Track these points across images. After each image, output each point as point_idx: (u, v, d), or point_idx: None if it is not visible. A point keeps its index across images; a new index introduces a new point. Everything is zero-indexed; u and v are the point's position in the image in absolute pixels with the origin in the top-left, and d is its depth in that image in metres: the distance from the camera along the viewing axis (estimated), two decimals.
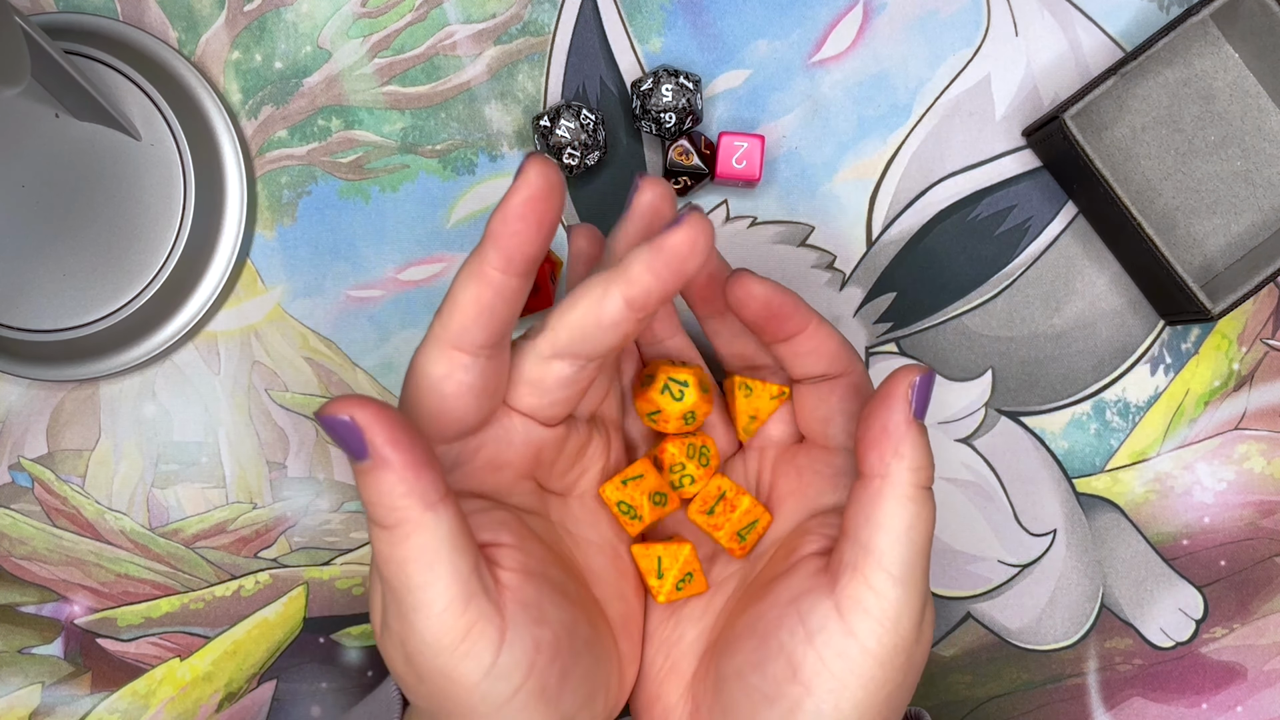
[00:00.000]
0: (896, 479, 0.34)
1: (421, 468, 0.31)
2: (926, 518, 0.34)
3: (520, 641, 0.32)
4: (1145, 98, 0.49)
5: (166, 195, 0.47)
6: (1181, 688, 0.50)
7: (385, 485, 0.31)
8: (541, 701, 0.33)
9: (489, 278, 0.32)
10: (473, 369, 0.33)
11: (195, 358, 0.50)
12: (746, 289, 0.37)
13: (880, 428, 0.34)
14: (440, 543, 0.31)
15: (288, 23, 0.50)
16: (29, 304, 0.47)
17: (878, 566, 0.33)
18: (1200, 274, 0.49)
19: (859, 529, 0.34)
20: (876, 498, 0.34)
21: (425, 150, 0.50)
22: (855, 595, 0.34)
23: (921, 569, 0.34)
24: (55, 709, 0.50)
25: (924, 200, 0.50)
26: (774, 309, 0.38)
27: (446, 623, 0.32)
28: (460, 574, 0.32)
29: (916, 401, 0.34)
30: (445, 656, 0.32)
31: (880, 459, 0.34)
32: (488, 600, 0.32)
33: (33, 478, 0.50)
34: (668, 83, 0.47)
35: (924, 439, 0.34)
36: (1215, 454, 0.50)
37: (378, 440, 0.30)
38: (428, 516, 0.31)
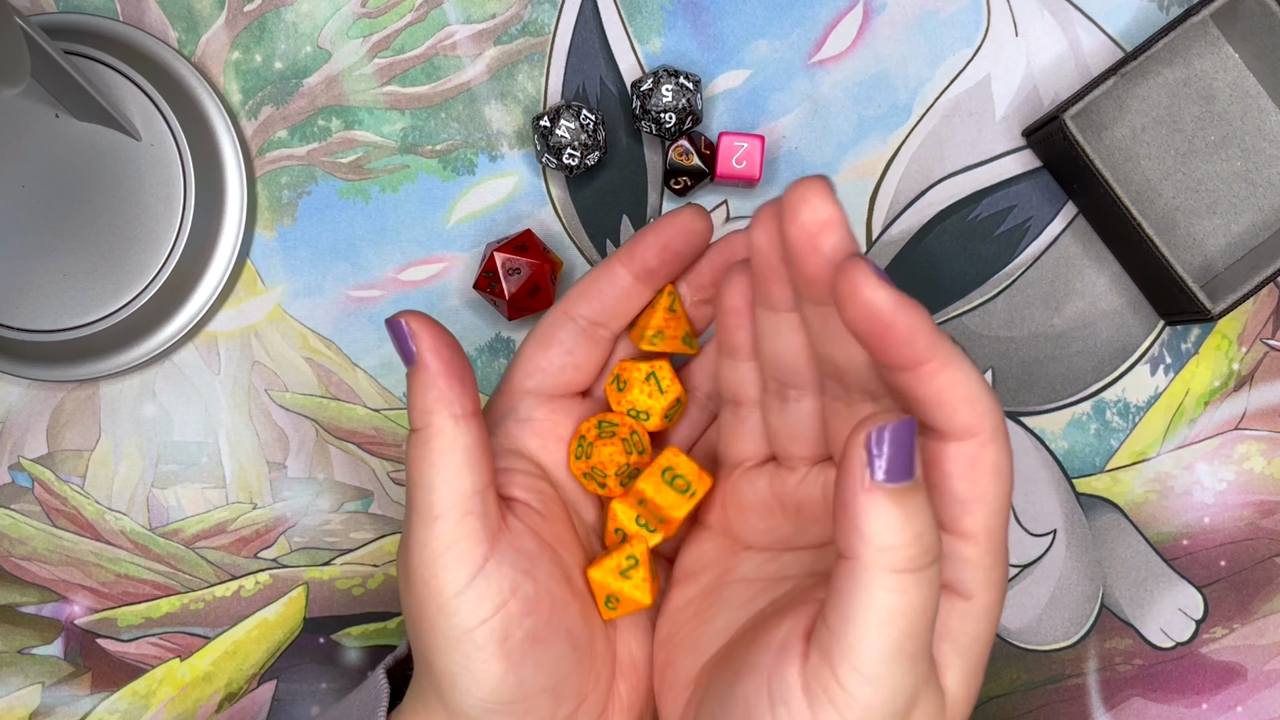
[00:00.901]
0: (864, 562, 0.28)
1: (454, 379, 0.34)
2: (910, 609, 0.28)
3: (499, 576, 0.34)
4: (1145, 98, 0.49)
5: (166, 195, 0.47)
6: (1181, 688, 0.50)
7: (421, 386, 0.34)
8: (501, 650, 0.34)
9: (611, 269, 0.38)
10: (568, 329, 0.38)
11: (195, 358, 0.50)
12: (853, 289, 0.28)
13: (839, 501, 0.28)
14: (455, 453, 0.34)
15: (288, 23, 0.50)
16: (29, 304, 0.47)
17: (846, 660, 0.29)
18: (1200, 274, 0.49)
19: (830, 612, 0.29)
20: (845, 582, 0.28)
21: (425, 150, 0.50)
22: (821, 684, 0.29)
23: (905, 666, 0.29)
24: (55, 709, 0.50)
25: (924, 200, 0.50)
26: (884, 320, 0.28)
27: (439, 529, 0.34)
28: (464, 488, 0.34)
29: (888, 458, 0.27)
30: (429, 563, 0.34)
31: (843, 537, 0.28)
32: (482, 524, 0.34)
33: (33, 478, 0.50)
34: (668, 83, 0.47)
35: (902, 507, 0.27)
36: (1215, 454, 0.50)
37: (423, 345, 0.34)
38: (449, 424, 0.34)
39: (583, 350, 0.38)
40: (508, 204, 0.50)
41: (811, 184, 0.30)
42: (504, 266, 0.47)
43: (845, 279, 0.28)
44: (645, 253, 0.38)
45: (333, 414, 0.50)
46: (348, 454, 0.50)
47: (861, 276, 0.28)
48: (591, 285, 0.38)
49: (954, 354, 0.29)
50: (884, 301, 0.28)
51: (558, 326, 0.38)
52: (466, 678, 0.34)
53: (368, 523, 0.50)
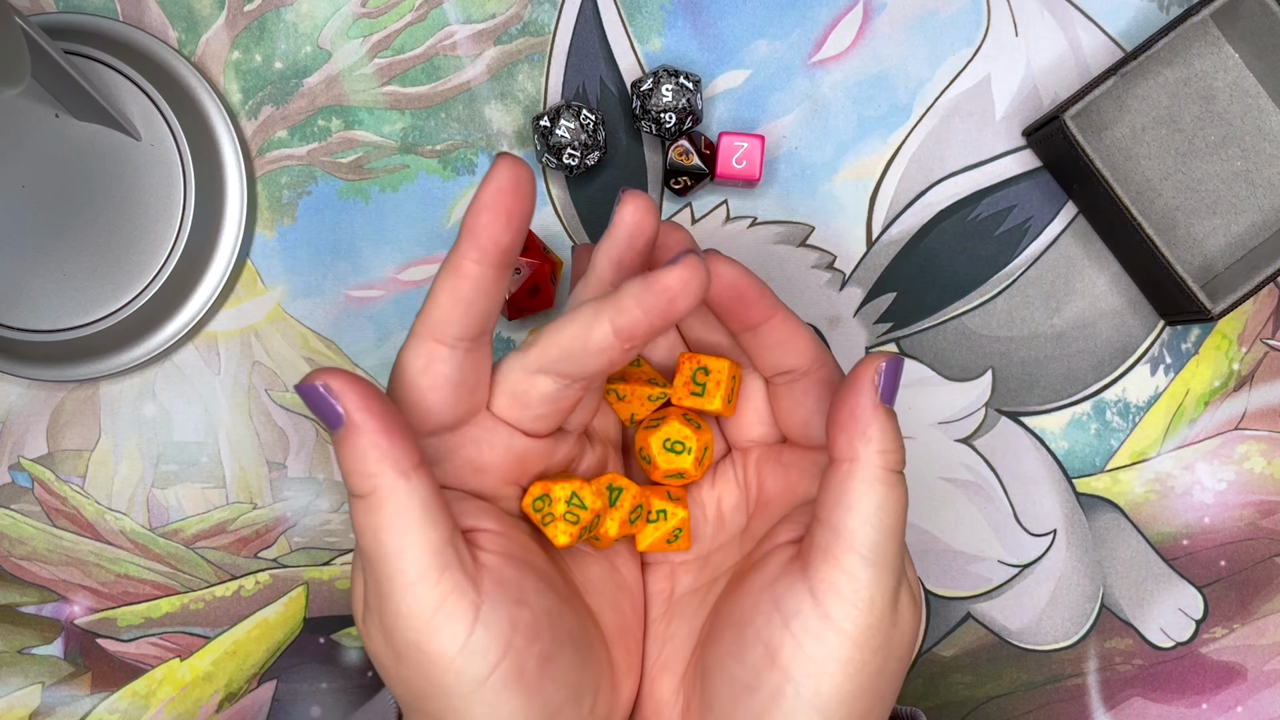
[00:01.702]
0: (865, 462, 0.34)
1: (394, 434, 0.32)
2: (897, 500, 0.34)
3: (497, 618, 0.33)
4: (1145, 98, 0.49)
5: (166, 195, 0.47)
6: (1181, 688, 0.50)
7: (358, 450, 0.32)
8: (520, 685, 0.33)
9: (463, 269, 0.33)
10: (450, 361, 0.34)
11: (195, 358, 0.50)
12: (714, 268, 0.37)
13: (848, 413, 0.34)
14: (414, 510, 0.32)
15: (288, 23, 0.50)
16: (29, 304, 0.47)
17: (849, 549, 0.33)
18: (1200, 274, 0.49)
19: (830, 513, 0.34)
20: (846, 481, 0.34)
21: (425, 150, 0.50)
22: (828, 578, 0.34)
23: (893, 550, 0.34)
24: (55, 709, 0.50)
25: (924, 200, 0.50)
26: (740, 291, 0.37)
27: (420, 593, 0.32)
28: (433, 544, 0.32)
29: (884, 386, 0.34)
30: (419, 629, 0.32)
31: (849, 443, 0.34)
32: (463, 573, 0.33)
33: (33, 478, 0.50)
34: (668, 83, 0.47)
35: (892, 423, 0.34)
36: (1215, 454, 0.50)
37: (350, 405, 0.32)
38: (400, 483, 0.32)
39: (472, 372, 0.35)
40: None
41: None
42: None
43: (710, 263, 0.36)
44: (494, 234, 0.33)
45: None
46: None
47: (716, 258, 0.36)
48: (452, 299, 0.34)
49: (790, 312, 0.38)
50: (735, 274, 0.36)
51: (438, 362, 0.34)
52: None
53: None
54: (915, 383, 0.50)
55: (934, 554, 0.50)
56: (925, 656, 0.50)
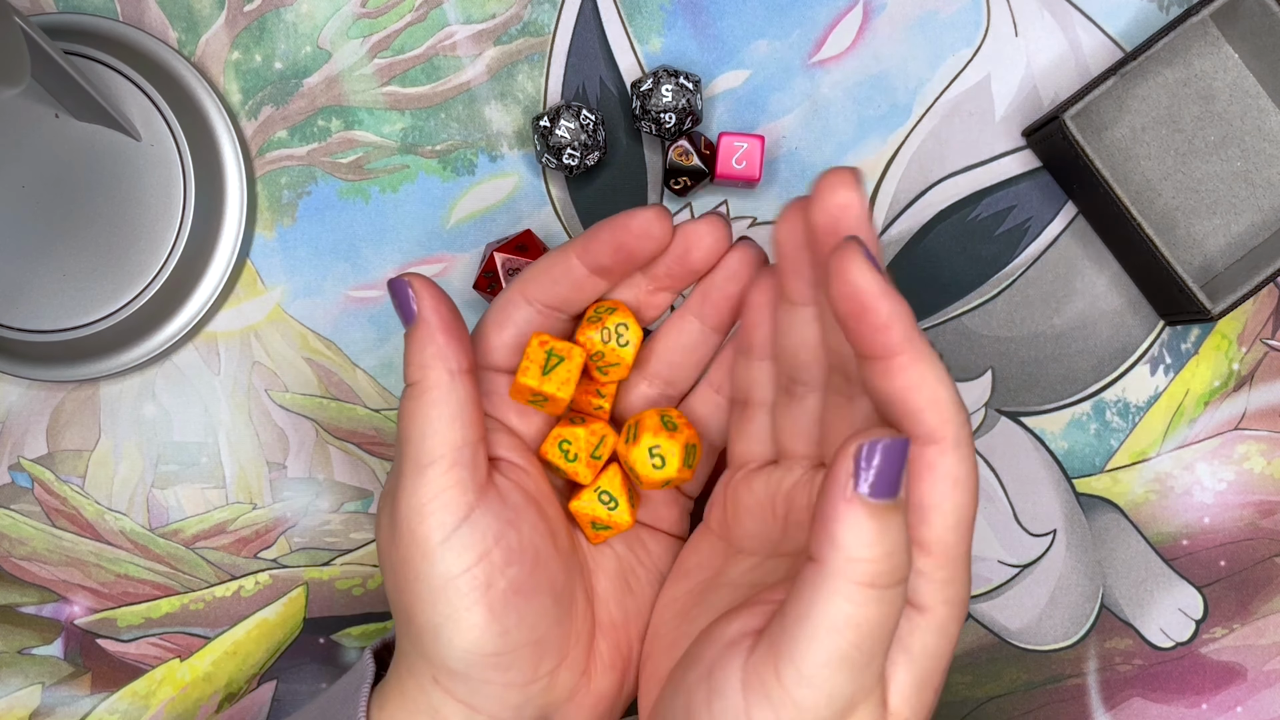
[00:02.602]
0: (829, 569, 0.28)
1: (452, 336, 0.35)
2: (866, 622, 0.28)
3: (484, 524, 0.35)
4: (1145, 98, 0.49)
5: (166, 195, 0.47)
6: (1181, 688, 0.50)
7: (419, 343, 0.35)
8: (483, 599, 0.34)
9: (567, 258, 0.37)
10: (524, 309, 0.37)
11: (195, 358, 0.50)
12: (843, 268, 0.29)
13: (820, 506, 0.29)
14: (449, 405, 0.35)
15: (288, 23, 0.50)
16: (29, 304, 0.47)
17: (789, 658, 0.29)
18: (1200, 274, 0.49)
19: (787, 608, 0.30)
20: (806, 583, 0.29)
21: (425, 150, 0.50)
22: (761, 676, 0.30)
23: (847, 675, 0.29)
24: (55, 709, 0.50)
25: (924, 200, 0.50)
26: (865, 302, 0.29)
27: (428, 477, 0.34)
28: (454, 439, 0.35)
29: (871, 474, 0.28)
30: (417, 509, 0.34)
31: (816, 542, 0.29)
32: (470, 475, 0.35)
33: (33, 478, 0.50)
34: (668, 83, 0.47)
35: (880, 523, 0.28)
36: (1215, 454, 0.50)
37: (424, 304, 0.35)
38: (445, 378, 0.35)
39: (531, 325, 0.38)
40: (508, 204, 0.50)
41: (841, 173, 0.32)
42: (504, 267, 0.47)
43: (837, 257, 0.29)
44: (600, 249, 0.36)
45: (333, 414, 0.50)
46: (348, 454, 0.50)
47: (851, 256, 0.29)
48: (546, 272, 0.37)
49: (927, 354, 0.29)
50: (868, 283, 0.29)
51: (513, 308, 0.37)
52: (450, 627, 0.34)
53: (368, 523, 0.50)
54: None
55: None
56: None
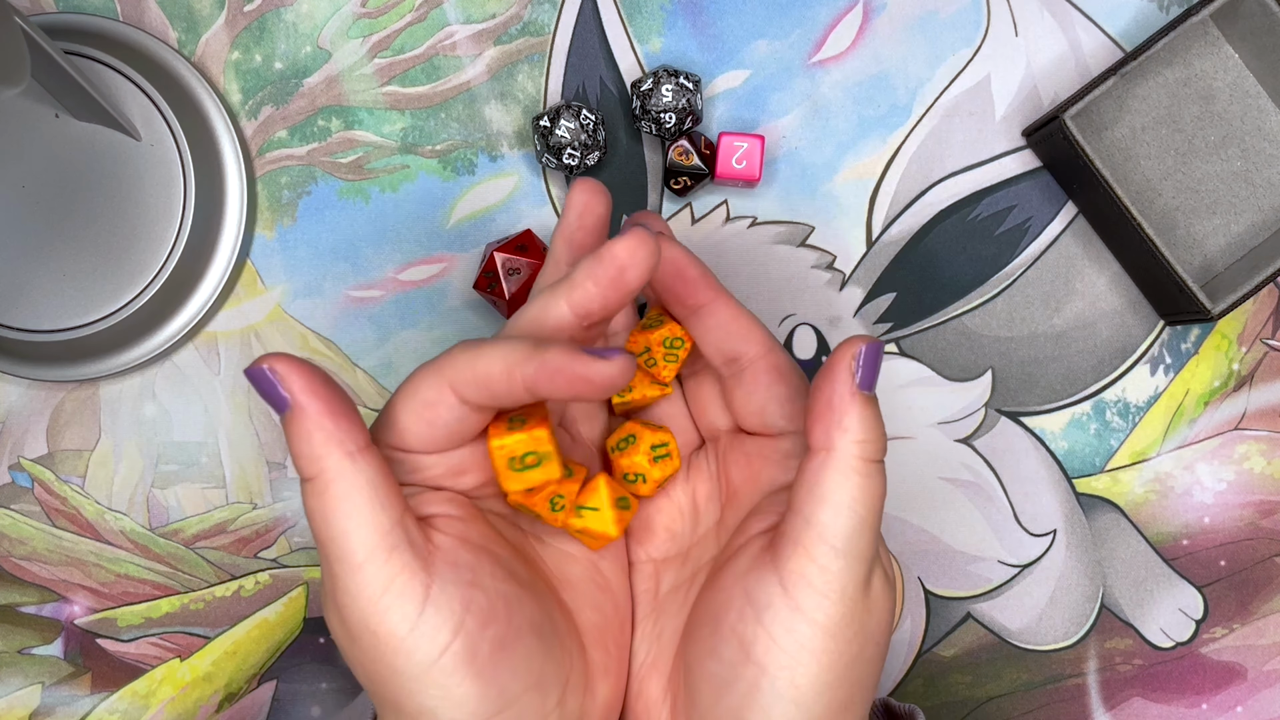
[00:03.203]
0: (841, 452, 0.33)
1: (340, 416, 0.32)
2: (873, 491, 0.33)
3: (448, 598, 0.33)
4: (1145, 98, 0.49)
5: (166, 195, 0.47)
6: (1181, 688, 0.50)
7: (305, 433, 0.32)
8: (472, 668, 0.33)
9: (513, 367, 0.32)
10: (456, 411, 0.34)
11: (195, 358, 0.50)
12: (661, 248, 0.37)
13: (824, 401, 0.34)
14: (360, 491, 0.32)
15: (288, 23, 0.50)
16: (29, 304, 0.47)
17: (819, 539, 0.33)
18: (1200, 274, 0.49)
19: (803, 503, 0.34)
20: (820, 472, 0.33)
21: (425, 150, 0.50)
22: (799, 569, 0.33)
23: (866, 540, 0.33)
24: (55, 709, 0.50)
25: (924, 200, 0.50)
26: (681, 271, 0.37)
27: (369, 574, 0.32)
28: (381, 524, 0.32)
29: (862, 372, 0.33)
30: (370, 610, 0.32)
31: (825, 433, 0.34)
32: (412, 553, 0.33)
33: (33, 478, 0.50)
34: (668, 83, 0.47)
35: (872, 411, 0.34)
36: (1215, 454, 0.50)
37: (295, 388, 0.32)
38: (346, 464, 0.32)
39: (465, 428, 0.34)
40: (508, 204, 0.50)
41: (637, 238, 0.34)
42: (504, 266, 0.47)
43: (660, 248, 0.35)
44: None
45: None
46: None
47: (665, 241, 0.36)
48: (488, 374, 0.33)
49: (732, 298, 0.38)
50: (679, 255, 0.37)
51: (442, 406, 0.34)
52: (446, 706, 0.33)
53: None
54: (915, 383, 0.50)
55: (934, 554, 0.50)
56: (925, 656, 0.50)
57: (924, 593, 0.50)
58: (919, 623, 0.50)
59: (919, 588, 0.50)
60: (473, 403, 0.33)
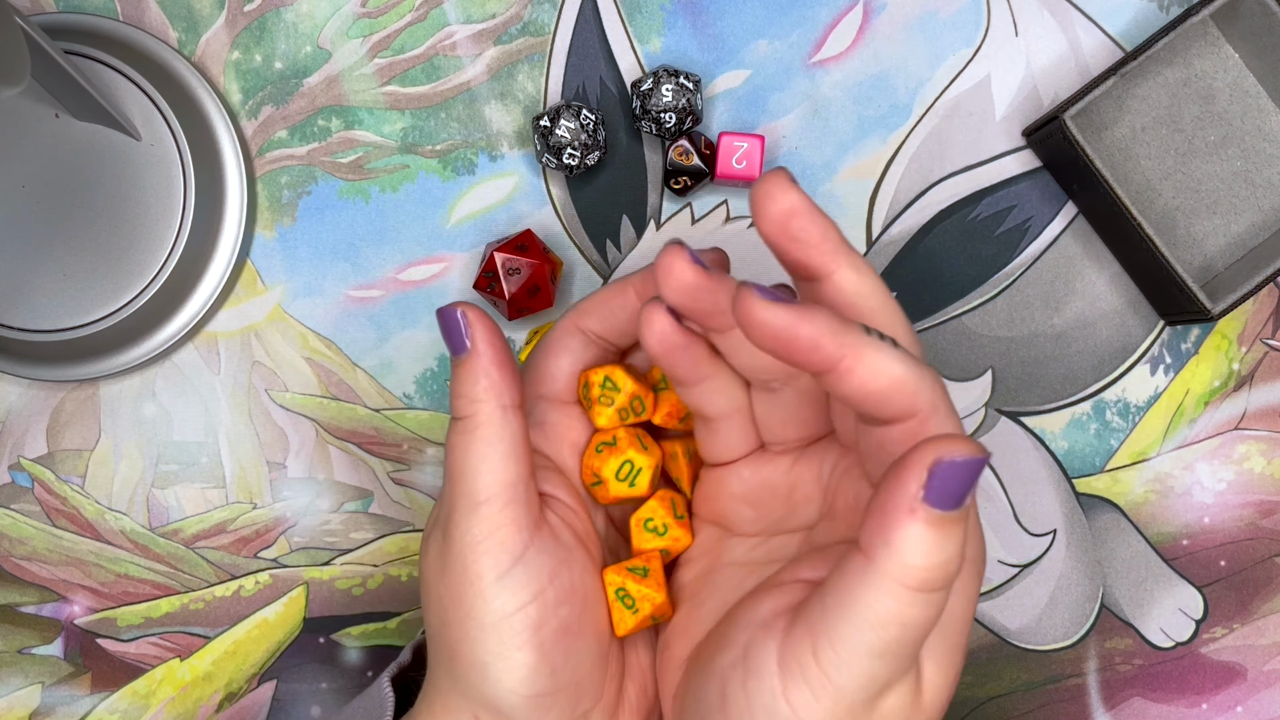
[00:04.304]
0: (880, 568, 0.28)
1: (504, 369, 0.35)
2: (910, 620, 0.28)
3: (539, 564, 0.34)
4: (1145, 98, 0.49)
5: (166, 195, 0.47)
6: (1181, 688, 0.50)
7: (471, 375, 0.35)
8: (534, 638, 0.34)
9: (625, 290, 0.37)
10: (579, 339, 0.38)
11: (195, 358, 0.50)
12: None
13: (879, 502, 0.28)
14: (502, 441, 0.35)
15: (288, 23, 0.50)
16: (29, 304, 0.47)
17: (829, 643, 0.29)
18: (1200, 274, 0.49)
19: (829, 592, 0.29)
20: (853, 575, 0.29)
21: (425, 150, 0.50)
22: (799, 657, 0.30)
23: (887, 663, 0.29)
24: (55, 709, 0.50)
25: (924, 200, 0.50)
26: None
27: (484, 514, 0.34)
28: (509, 475, 0.34)
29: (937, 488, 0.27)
30: (472, 547, 0.34)
31: (869, 538, 0.28)
32: (525, 512, 0.35)
33: (33, 478, 0.50)
34: (668, 83, 0.47)
35: (940, 534, 0.27)
36: (1215, 454, 0.50)
37: (477, 334, 0.35)
38: (498, 414, 0.35)
39: (592, 362, 0.38)
40: (508, 204, 0.50)
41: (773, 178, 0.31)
42: (504, 266, 0.47)
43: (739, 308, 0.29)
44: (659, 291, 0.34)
45: (333, 414, 0.50)
46: (348, 454, 0.50)
47: (751, 301, 0.29)
48: (604, 303, 0.38)
49: (867, 346, 0.29)
50: (778, 319, 0.29)
51: (569, 336, 0.38)
52: (499, 665, 0.34)
53: (368, 523, 0.50)
54: None
55: None
56: None
57: None
58: None
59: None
60: (595, 333, 0.38)
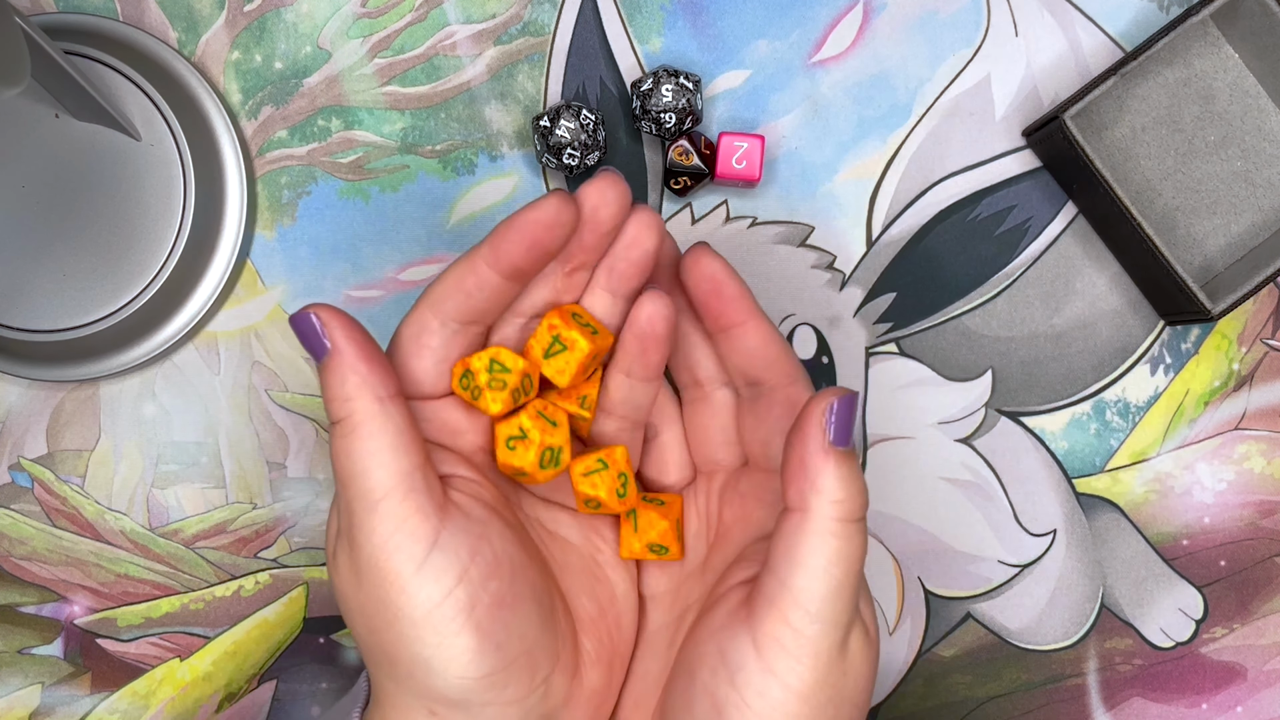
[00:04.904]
0: (816, 514, 0.32)
1: (373, 362, 0.34)
2: (851, 553, 0.33)
3: (455, 545, 0.34)
4: (1145, 98, 0.49)
5: (166, 195, 0.47)
6: (1181, 688, 0.50)
7: (339, 376, 0.34)
8: (470, 620, 0.33)
9: (476, 267, 0.35)
10: (438, 335, 0.36)
11: (195, 358, 0.50)
12: (698, 260, 0.37)
13: (797, 460, 0.33)
14: (386, 434, 0.33)
15: (288, 23, 0.50)
16: (29, 304, 0.47)
17: (794, 604, 0.32)
18: (1200, 274, 0.49)
19: (778, 564, 0.33)
20: (795, 533, 0.33)
21: (425, 150, 0.50)
22: (772, 632, 0.33)
23: (843, 603, 0.33)
24: (55, 709, 0.50)
25: (924, 200, 0.50)
26: (719, 287, 0.37)
27: (384, 511, 0.33)
28: (402, 467, 0.33)
29: (835, 427, 0.32)
30: (380, 546, 0.33)
31: (799, 493, 0.33)
32: (428, 498, 0.34)
33: (33, 478, 0.50)
34: (668, 83, 0.47)
35: (848, 467, 0.33)
36: (1215, 454, 0.50)
37: (335, 334, 0.34)
38: (375, 408, 0.33)
39: (457, 352, 0.36)
40: (508, 204, 0.50)
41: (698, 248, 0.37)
42: None
43: (694, 250, 0.37)
44: (512, 251, 0.35)
45: None
46: None
47: (703, 252, 0.37)
48: (458, 285, 0.35)
49: (767, 321, 0.37)
50: (720, 269, 0.37)
51: (427, 333, 0.36)
52: (441, 657, 0.33)
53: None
54: (915, 383, 0.50)
55: (934, 554, 0.50)
56: (925, 656, 0.50)
57: (924, 593, 0.50)
58: (919, 623, 0.50)
59: (919, 588, 0.50)
60: (454, 316, 0.35)
